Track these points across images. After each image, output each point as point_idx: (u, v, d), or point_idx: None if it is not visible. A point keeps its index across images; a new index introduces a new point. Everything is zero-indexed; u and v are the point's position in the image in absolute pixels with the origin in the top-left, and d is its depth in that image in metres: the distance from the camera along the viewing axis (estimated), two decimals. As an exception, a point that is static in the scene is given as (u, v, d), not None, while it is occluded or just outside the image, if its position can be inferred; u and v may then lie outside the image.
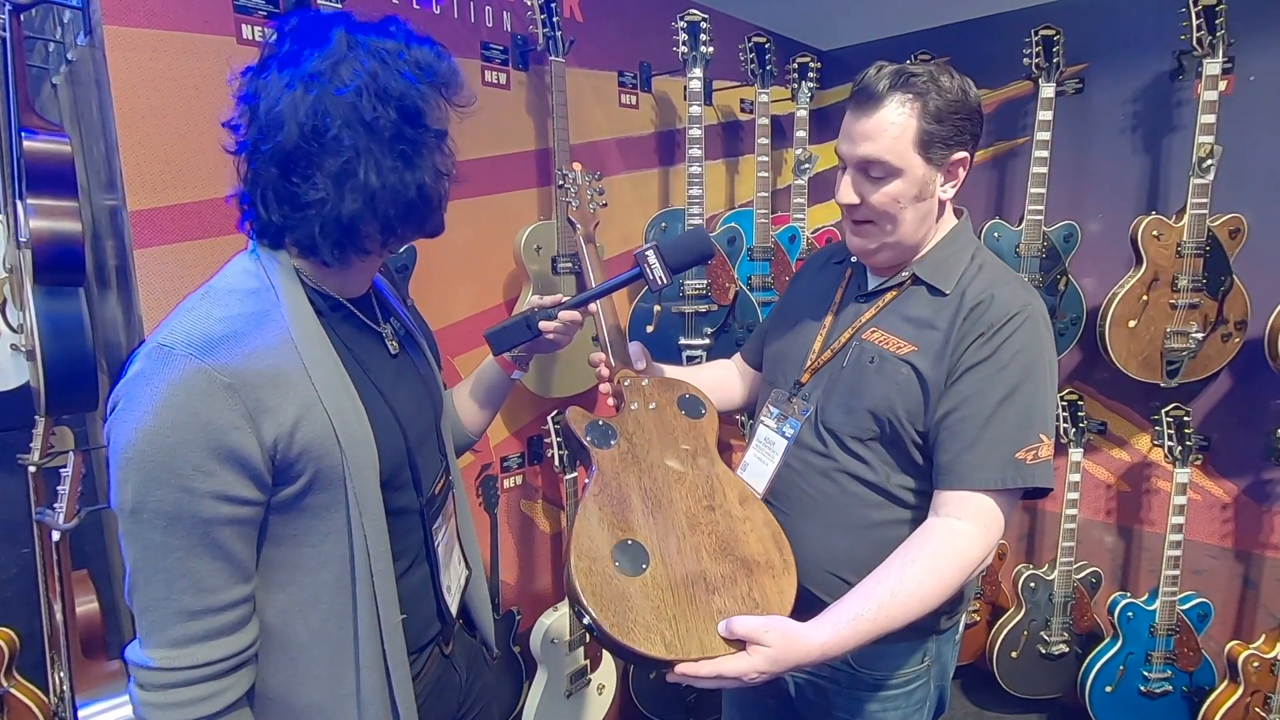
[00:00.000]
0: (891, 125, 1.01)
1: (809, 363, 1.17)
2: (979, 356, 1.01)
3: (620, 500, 1.02)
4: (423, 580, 0.97)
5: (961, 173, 1.07)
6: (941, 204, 1.09)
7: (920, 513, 1.08)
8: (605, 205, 1.40)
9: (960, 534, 0.99)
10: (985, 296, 1.03)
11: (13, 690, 1.81)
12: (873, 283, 1.17)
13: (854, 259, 1.19)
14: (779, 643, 0.88)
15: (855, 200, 1.06)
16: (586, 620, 0.89)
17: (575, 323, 1.13)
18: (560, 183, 1.40)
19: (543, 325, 1.09)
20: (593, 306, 1.17)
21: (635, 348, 1.24)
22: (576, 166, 1.40)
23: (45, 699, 1.84)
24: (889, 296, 1.12)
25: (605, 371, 1.19)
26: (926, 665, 1.16)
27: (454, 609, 1.03)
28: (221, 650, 0.77)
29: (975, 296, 1.04)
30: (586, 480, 1.05)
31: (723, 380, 1.41)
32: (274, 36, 0.82)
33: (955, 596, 1.03)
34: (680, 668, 0.87)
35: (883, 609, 0.93)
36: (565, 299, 1.13)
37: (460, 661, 1.07)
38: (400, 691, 0.88)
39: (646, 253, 1.10)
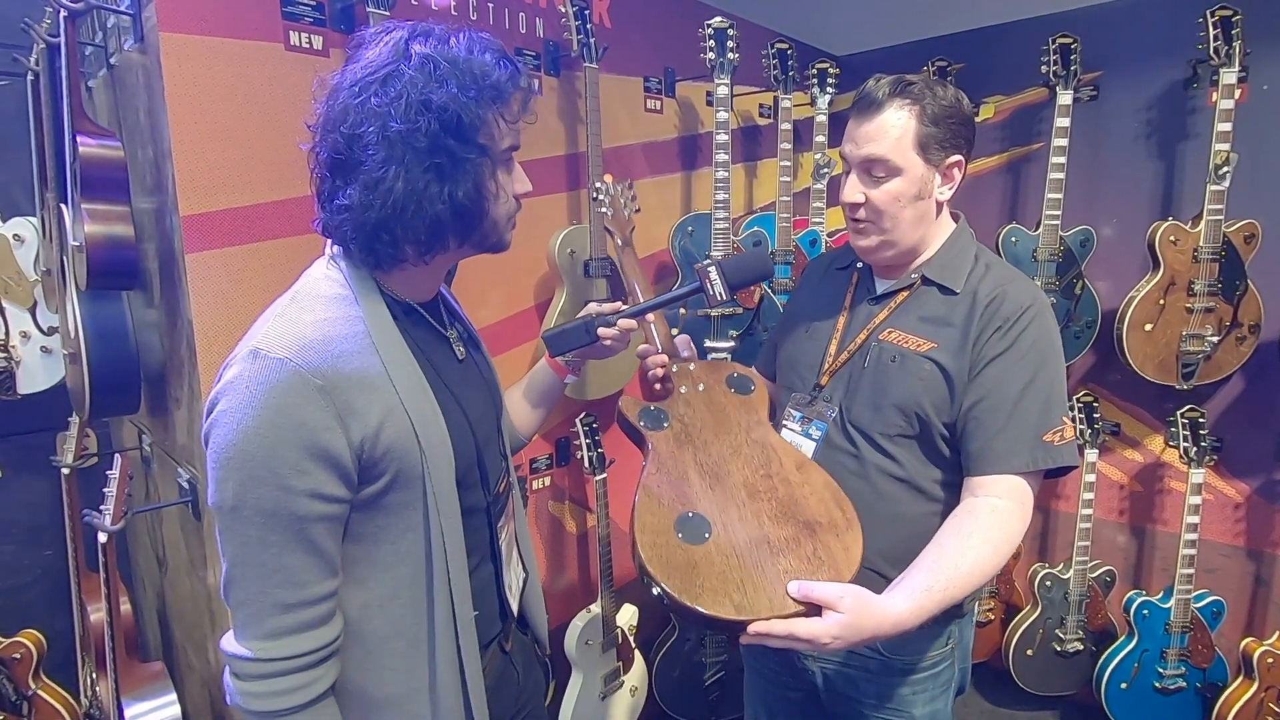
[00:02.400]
0: (893, 127, 1.09)
1: (826, 365, 1.21)
2: (999, 349, 1.08)
3: (678, 476, 1.05)
4: (488, 578, 1.00)
5: (957, 174, 1.14)
6: (939, 205, 1.16)
7: (948, 504, 1.13)
8: (639, 211, 1.43)
9: (1003, 510, 1.05)
10: (998, 293, 1.10)
11: (40, 692, 1.81)
12: (881, 286, 1.21)
13: (859, 264, 1.24)
14: (855, 608, 0.89)
15: (860, 199, 1.12)
16: (656, 591, 0.90)
17: (632, 331, 1.15)
18: (595, 195, 1.42)
19: (601, 332, 1.12)
20: (650, 316, 1.19)
21: (682, 340, 1.27)
22: (609, 178, 1.43)
23: (73, 701, 1.85)
24: (900, 298, 1.18)
25: (660, 358, 1.21)
26: (950, 648, 1.21)
27: (515, 608, 1.06)
28: (313, 642, 0.80)
29: (989, 293, 1.11)
30: (644, 463, 1.08)
31: None
32: (354, 46, 0.84)
33: None
34: (754, 626, 0.88)
35: (951, 582, 0.97)
36: (624, 307, 1.15)
37: (517, 659, 1.10)
38: (473, 685, 0.90)
39: (709, 269, 1.11)
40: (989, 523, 1.04)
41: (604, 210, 1.40)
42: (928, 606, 0.95)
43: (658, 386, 1.20)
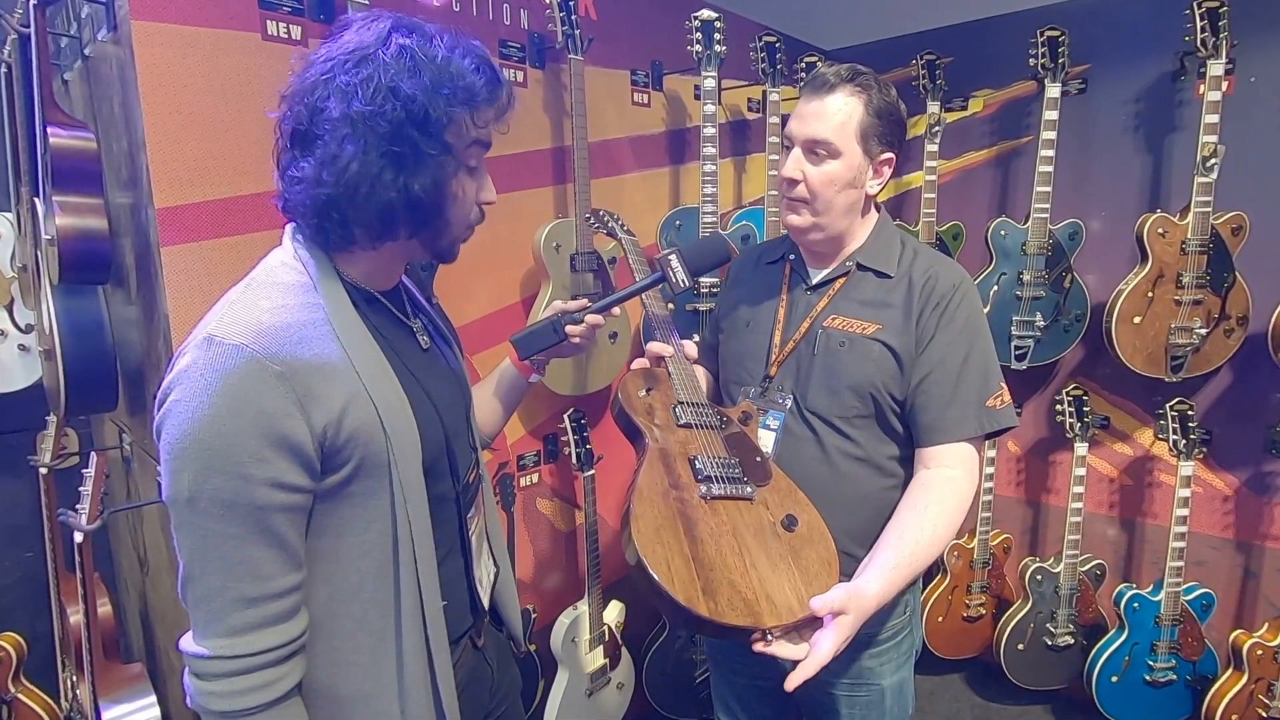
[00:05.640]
0: (839, 111, 1.13)
1: (773, 356, 1.24)
2: (938, 325, 1.15)
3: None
4: (458, 571, 0.98)
5: (886, 172, 1.19)
6: (868, 199, 1.21)
7: (905, 478, 1.18)
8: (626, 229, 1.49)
9: (954, 479, 1.12)
10: (931, 274, 1.17)
11: (20, 696, 1.78)
12: (816, 275, 1.25)
13: (791, 255, 1.28)
14: (853, 605, 0.93)
15: (798, 176, 1.15)
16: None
17: (598, 326, 1.16)
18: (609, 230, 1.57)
19: (569, 329, 1.11)
20: (615, 311, 1.19)
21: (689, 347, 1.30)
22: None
23: (54, 704, 1.82)
24: (838, 285, 1.22)
25: (663, 351, 1.25)
26: (908, 615, 1.26)
27: (485, 602, 1.05)
28: (278, 637, 0.77)
29: (922, 275, 1.17)
30: None
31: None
32: (339, 28, 0.83)
33: None
34: (793, 679, 0.89)
35: (914, 555, 1.04)
36: (589, 304, 1.15)
37: (491, 655, 1.08)
38: (442, 678, 0.89)
39: (669, 257, 1.13)
40: (942, 493, 1.10)
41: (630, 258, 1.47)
42: (897, 581, 1.01)
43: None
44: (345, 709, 0.85)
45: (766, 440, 1.21)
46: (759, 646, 0.90)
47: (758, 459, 1.14)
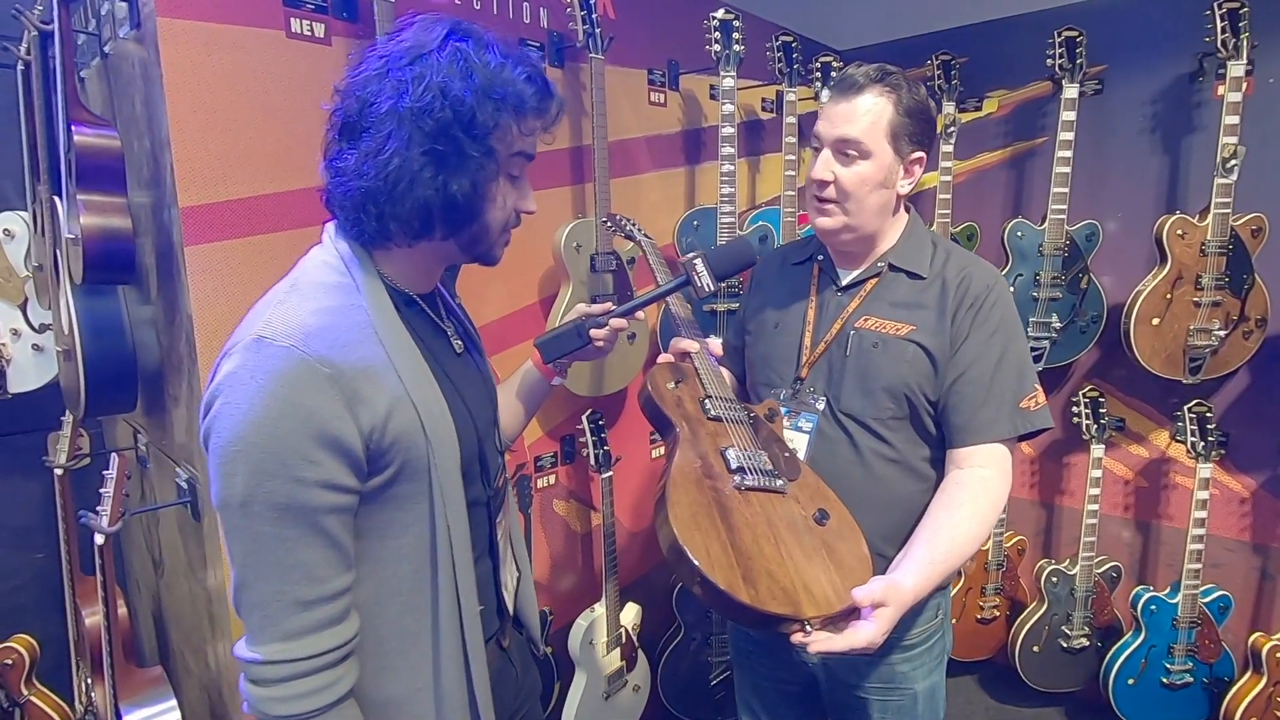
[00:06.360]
0: (869, 112, 1.12)
1: (805, 358, 1.23)
2: (972, 326, 1.14)
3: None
4: (488, 573, 0.98)
5: (918, 171, 1.18)
6: (899, 199, 1.20)
7: (935, 480, 1.18)
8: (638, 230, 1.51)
9: (988, 479, 1.12)
10: (965, 275, 1.16)
11: (33, 699, 1.77)
12: (847, 276, 1.23)
13: (819, 256, 1.27)
14: (893, 597, 0.92)
15: (829, 177, 1.15)
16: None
17: (622, 330, 1.15)
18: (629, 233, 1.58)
19: (593, 333, 1.11)
20: (639, 314, 1.18)
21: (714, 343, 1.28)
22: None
23: (67, 708, 1.80)
24: (870, 285, 1.20)
25: (689, 345, 1.24)
26: (940, 620, 1.25)
27: (510, 605, 1.05)
28: (334, 639, 0.78)
29: (956, 276, 1.16)
30: None
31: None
32: (399, 28, 0.84)
33: None
34: (814, 647, 0.88)
35: (949, 552, 1.04)
36: (613, 307, 1.14)
37: (515, 656, 1.08)
38: (478, 681, 0.89)
39: (695, 261, 1.12)
40: (976, 493, 1.10)
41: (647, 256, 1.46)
42: (932, 578, 1.01)
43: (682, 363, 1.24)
44: (382, 714, 0.85)
45: (799, 442, 1.20)
46: (798, 638, 0.89)
47: (786, 454, 1.14)
